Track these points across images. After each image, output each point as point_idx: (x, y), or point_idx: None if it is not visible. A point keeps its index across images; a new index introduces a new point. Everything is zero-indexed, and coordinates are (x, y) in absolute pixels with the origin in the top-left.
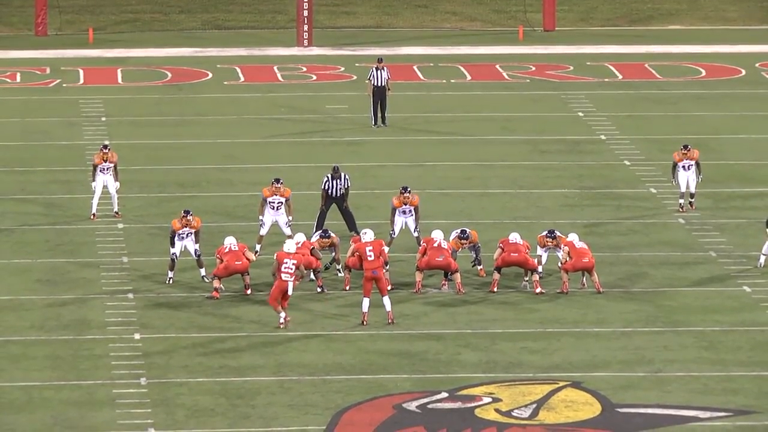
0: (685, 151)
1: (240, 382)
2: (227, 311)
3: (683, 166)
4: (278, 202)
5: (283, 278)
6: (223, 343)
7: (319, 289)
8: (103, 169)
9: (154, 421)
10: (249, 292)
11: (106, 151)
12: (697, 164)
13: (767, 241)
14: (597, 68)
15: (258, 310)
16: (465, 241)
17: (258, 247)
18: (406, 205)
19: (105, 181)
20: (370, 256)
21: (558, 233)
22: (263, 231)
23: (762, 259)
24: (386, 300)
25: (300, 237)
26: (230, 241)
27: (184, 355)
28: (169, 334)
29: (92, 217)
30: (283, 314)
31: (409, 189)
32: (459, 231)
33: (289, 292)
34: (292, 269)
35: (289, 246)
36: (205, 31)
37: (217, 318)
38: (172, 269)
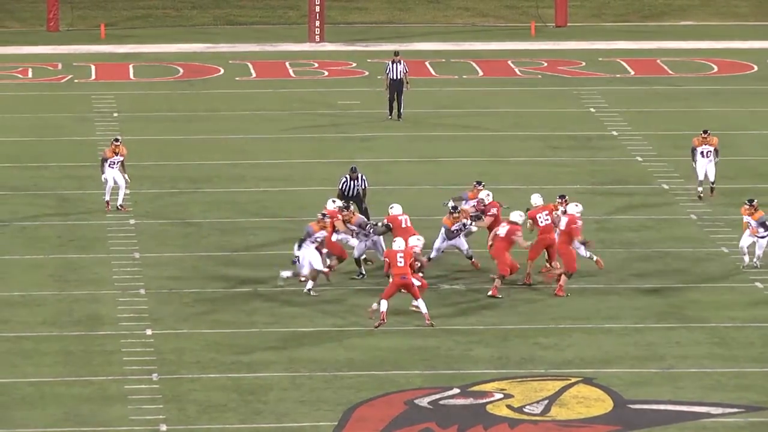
0: (705, 136)
1: (252, 378)
2: (239, 307)
3: (702, 152)
4: (322, 237)
5: (399, 265)
6: (236, 339)
7: (326, 279)
8: (113, 163)
9: (166, 417)
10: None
11: (118, 144)
12: (716, 151)
13: None
14: (609, 64)
15: (270, 305)
16: (457, 215)
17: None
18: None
19: (113, 175)
20: (400, 262)
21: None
22: (303, 270)
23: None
24: (421, 303)
25: (321, 234)
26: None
27: (196, 351)
28: (181, 329)
29: (107, 206)
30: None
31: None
32: (452, 204)
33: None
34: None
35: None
36: (217, 26)
37: (229, 314)
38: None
